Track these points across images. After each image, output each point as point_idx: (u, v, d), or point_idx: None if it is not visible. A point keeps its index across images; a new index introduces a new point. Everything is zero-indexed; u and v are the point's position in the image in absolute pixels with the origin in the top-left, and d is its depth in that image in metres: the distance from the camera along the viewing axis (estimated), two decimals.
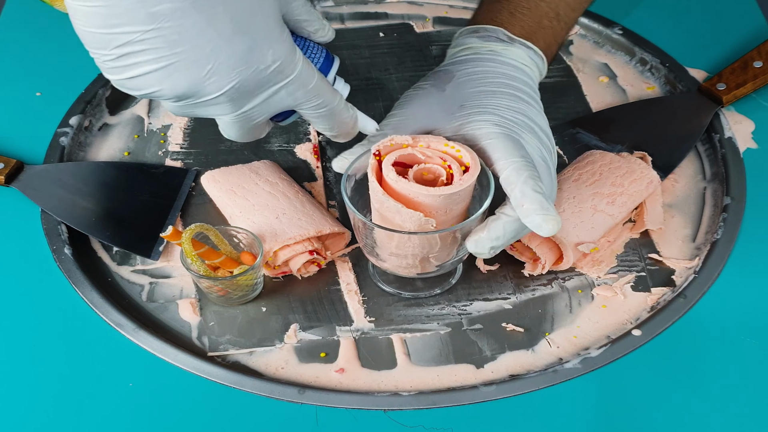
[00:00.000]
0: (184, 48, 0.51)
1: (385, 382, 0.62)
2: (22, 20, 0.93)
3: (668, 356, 0.62)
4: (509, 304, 0.67)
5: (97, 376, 0.61)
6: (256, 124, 0.59)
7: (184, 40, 0.51)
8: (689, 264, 0.69)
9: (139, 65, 0.52)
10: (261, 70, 0.54)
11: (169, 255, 0.70)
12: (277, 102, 0.57)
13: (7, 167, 0.74)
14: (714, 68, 0.86)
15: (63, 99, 0.83)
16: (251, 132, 0.60)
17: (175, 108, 0.56)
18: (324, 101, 0.59)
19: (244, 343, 0.64)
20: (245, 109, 0.56)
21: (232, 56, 0.52)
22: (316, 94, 0.58)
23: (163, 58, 0.51)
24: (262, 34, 0.53)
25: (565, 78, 0.88)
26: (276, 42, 0.54)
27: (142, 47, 0.51)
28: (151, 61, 0.51)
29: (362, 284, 0.69)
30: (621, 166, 0.71)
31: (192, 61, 0.52)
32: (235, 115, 0.57)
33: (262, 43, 0.53)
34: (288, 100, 0.57)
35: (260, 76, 0.54)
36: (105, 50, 0.52)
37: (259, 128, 0.60)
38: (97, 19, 0.50)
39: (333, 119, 0.60)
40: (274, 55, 0.54)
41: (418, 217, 0.57)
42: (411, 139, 0.60)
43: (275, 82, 0.55)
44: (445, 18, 0.95)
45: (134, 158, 0.79)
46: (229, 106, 0.55)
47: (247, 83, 0.54)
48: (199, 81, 0.53)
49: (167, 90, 0.53)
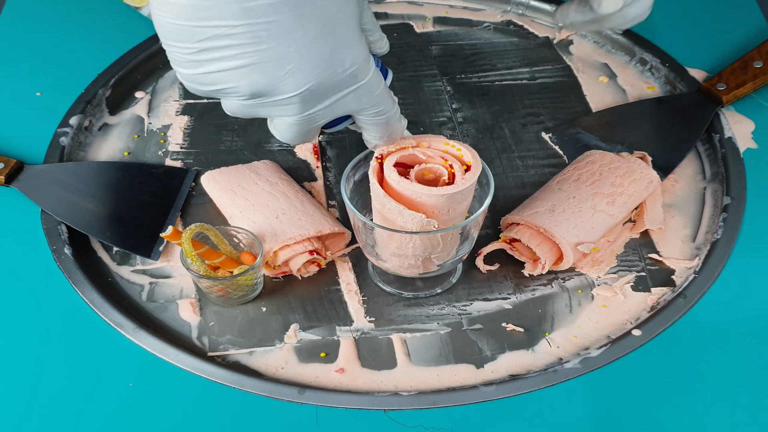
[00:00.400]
0: (270, 45, 0.50)
1: (385, 382, 0.62)
2: (22, 20, 0.93)
3: (668, 356, 0.62)
4: (509, 304, 0.67)
5: (97, 376, 0.61)
6: (315, 127, 0.58)
7: (272, 37, 0.50)
8: (689, 264, 0.69)
9: (221, 60, 0.51)
10: (338, 73, 0.53)
11: (169, 255, 0.70)
12: (343, 106, 0.56)
13: (7, 167, 0.74)
14: (714, 68, 0.86)
15: (63, 99, 0.83)
16: (307, 135, 0.59)
17: (240, 107, 0.55)
18: (384, 109, 0.58)
19: (244, 343, 0.64)
20: (312, 111, 0.55)
21: (314, 57, 0.52)
22: (379, 101, 0.57)
23: (247, 55, 0.50)
24: (344, 37, 0.53)
25: (565, 78, 0.88)
26: (356, 46, 0.54)
27: (227, 42, 0.50)
28: (234, 57, 0.51)
29: (362, 284, 0.69)
30: (621, 166, 0.72)
31: (274, 60, 0.51)
32: (300, 116, 0.55)
33: (343, 46, 0.53)
34: (352, 105, 0.56)
35: (336, 79, 0.54)
36: (187, 43, 0.51)
37: (314, 132, 0.59)
38: (186, 11, 0.49)
39: (387, 128, 0.59)
40: (353, 59, 0.54)
41: (420, 218, 0.57)
42: (413, 140, 0.60)
43: (348, 85, 0.55)
44: (445, 18, 0.95)
45: (134, 158, 0.79)
46: (299, 107, 0.54)
47: (323, 85, 0.53)
48: (278, 80, 0.52)
49: (243, 87, 0.52)
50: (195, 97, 0.85)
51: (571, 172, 0.73)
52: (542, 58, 0.90)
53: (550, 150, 0.80)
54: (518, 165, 0.78)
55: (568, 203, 0.68)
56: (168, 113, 0.84)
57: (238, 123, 0.82)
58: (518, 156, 0.79)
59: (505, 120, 0.83)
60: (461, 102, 0.85)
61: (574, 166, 0.73)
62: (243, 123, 0.82)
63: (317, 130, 0.59)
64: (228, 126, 0.82)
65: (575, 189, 0.70)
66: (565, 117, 0.83)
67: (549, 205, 0.68)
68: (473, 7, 0.96)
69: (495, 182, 0.61)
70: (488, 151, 0.80)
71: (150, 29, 0.90)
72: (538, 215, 0.67)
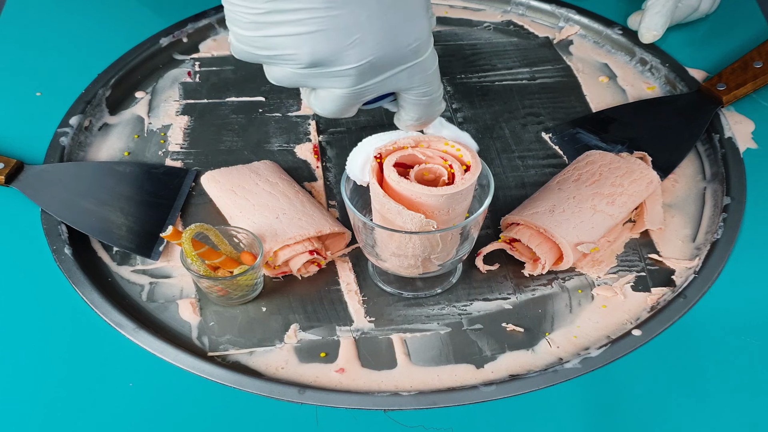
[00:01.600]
0: (341, 12, 0.48)
1: (385, 382, 0.62)
2: (22, 20, 0.93)
3: (668, 356, 0.62)
4: (509, 304, 0.67)
5: (97, 376, 0.61)
6: (361, 101, 0.55)
7: (346, 3, 0.48)
8: (689, 264, 0.69)
9: (287, 24, 0.49)
10: (401, 47, 0.51)
11: (169, 255, 0.70)
12: (394, 82, 0.54)
13: (7, 167, 0.74)
14: (714, 68, 0.86)
15: (63, 99, 0.83)
16: (349, 110, 0.56)
17: (291, 75, 0.53)
18: (431, 89, 0.56)
19: (244, 343, 0.64)
20: (365, 85, 0.53)
21: (381, 29, 0.50)
22: (429, 81, 0.55)
23: (315, 20, 0.48)
24: (414, 11, 0.51)
25: (565, 78, 0.88)
26: (422, 21, 0.52)
27: (298, 5, 0.48)
28: (302, 22, 0.49)
29: (362, 284, 0.69)
30: (621, 167, 0.72)
31: (342, 28, 0.49)
32: (352, 89, 0.53)
33: (412, 19, 0.51)
34: (403, 82, 0.54)
35: (397, 54, 0.52)
36: (256, 3, 0.49)
37: (357, 107, 0.57)
38: None
39: (429, 108, 0.58)
40: (418, 34, 0.52)
41: (419, 218, 0.57)
42: (412, 141, 0.60)
43: (406, 61, 0.53)
44: (445, 18, 0.95)
45: (134, 158, 0.79)
46: (354, 79, 0.52)
47: (384, 59, 0.51)
48: (341, 50, 0.50)
49: (304, 55, 0.50)
50: (195, 97, 0.86)
51: (571, 172, 0.73)
52: (542, 58, 0.90)
53: (550, 150, 0.80)
54: (518, 165, 0.78)
55: (568, 203, 0.68)
56: (168, 113, 0.84)
57: (238, 123, 0.82)
58: (518, 156, 0.79)
59: (505, 120, 0.83)
60: (461, 102, 0.85)
61: (574, 166, 0.73)
62: (243, 123, 0.82)
63: (359, 106, 0.57)
64: (228, 126, 0.82)
65: (575, 189, 0.70)
66: (565, 117, 0.83)
67: (549, 205, 0.68)
68: (473, 7, 0.96)
69: (495, 182, 0.61)
70: (488, 151, 0.80)
71: (150, 29, 0.90)
72: (538, 215, 0.67)
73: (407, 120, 0.59)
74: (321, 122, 0.82)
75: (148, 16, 0.93)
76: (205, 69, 0.89)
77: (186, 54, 0.90)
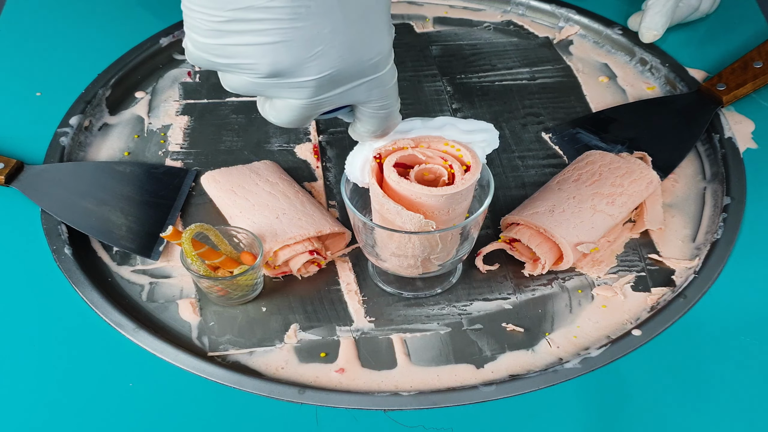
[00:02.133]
0: (306, 24, 0.48)
1: (385, 382, 0.62)
2: (22, 20, 0.93)
3: (668, 356, 0.62)
4: (509, 304, 0.67)
5: (97, 376, 0.61)
6: (318, 112, 0.55)
7: (311, 15, 0.47)
8: (689, 264, 0.69)
9: (249, 33, 0.48)
10: (362, 62, 0.51)
11: (169, 255, 0.70)
12: (352, 95, 0.54)
13: (7, 167, 0.74)
14: (714, 68, 0.86)
15: (63, 99, 0.83)
16: (306, 120, 0.56)
17: (248, 84, 0.52)
18: (389, 103, 0.56)
19: (244, 343, 0.64)
20: (322, 97, 0.53)
21: (344, 42, 0.49)
22: (387, 95, 0.55)
23: (279, 31, 0.48)
24: (377, 26, 0.51)
25: (565, 78, 0.88)
26: (384, 36, 0.52)
27: (262, 15, 0.47)
28: (265, 32, 0.48)
29: (362, 284, 0.69)
30: (621, 167, 0.72)
31: (305, 40, 0.48)
32: (309, 101, 0.53)
33: (374, 34, 0.51)
34: (362, 96, 0.54)
35: (358, 68, 0.51)
36: (218, 11, 0.48)
37: (313, 118, 0.56)
38: None
39: (385, 122, 0.57)
40: (380, 48, 0.51)
41: (419, 218, 0.57)
42: (412, 141, 0.60)
43: (366, 75, 0.52)
44: (445, 18, 0.95)
45: (134, 158, 0.79)
46: (312, 91, 0.52)
47: (344, 72, 0.51)
48: (302, 62, 0.49)
49: (264, 65, 0.49)
50: (195, 97, 0.86)
51: (571, 172, 0.73)
52: (542, 58, 0.90)
53: (550, 150, 0.80)
54: (518, 165, 0.78)
55: (568, 203, 0.68)
56: (168, 113, 0.84)
57: (238, 123, 0.82)
58: (518, 156, 0.79)
59: (505, 120, 0.83)
60: (461, 102, 0.85)
61: (574, 166, 0.73)
62: (243, 123, 0.82)
63: (315, 116, 0.57)
64: (228, 126, 0.82)
65: (575, 189, 0.70)
66: (565, 117, 0.83)
67: (549, 205, 0.68)
68: (473, 7, 0.96)
69: (495, 182, 0.61)
70: None
71: (150, 29, 0.90)
72: (538, 215, 0.67)
73: (362, 132, 0.59)
74: (321, 122, 0.82)
75: (148, 16, 0.93)
76: (205, 69, 0.89)
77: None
